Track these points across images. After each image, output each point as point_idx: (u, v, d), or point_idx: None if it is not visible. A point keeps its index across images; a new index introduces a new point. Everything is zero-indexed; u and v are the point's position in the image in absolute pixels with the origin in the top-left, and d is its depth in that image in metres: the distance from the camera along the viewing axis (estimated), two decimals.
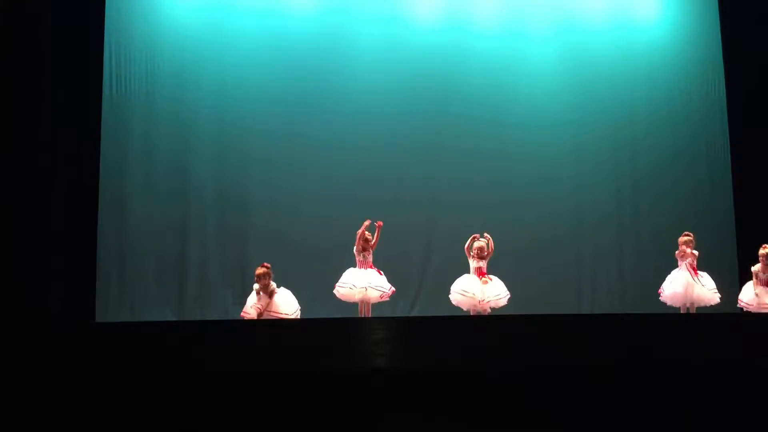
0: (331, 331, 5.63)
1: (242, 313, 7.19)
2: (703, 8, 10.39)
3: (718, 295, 7.69)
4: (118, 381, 4.96)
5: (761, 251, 7.73)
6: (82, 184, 8.56)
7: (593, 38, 10.15)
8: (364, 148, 9.38)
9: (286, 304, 7.05)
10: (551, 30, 10.09)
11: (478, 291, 7.46)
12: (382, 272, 7.53)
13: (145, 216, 8.82)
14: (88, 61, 8.67)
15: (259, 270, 7.03)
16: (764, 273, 7.69)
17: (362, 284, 7.35)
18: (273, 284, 7.06)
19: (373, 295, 7.38)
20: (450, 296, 7.62)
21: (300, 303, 7.24)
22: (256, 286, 7.04)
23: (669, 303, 7.82)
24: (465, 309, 7.64)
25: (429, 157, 9.57)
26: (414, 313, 9.16)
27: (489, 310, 7.52)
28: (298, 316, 7.10)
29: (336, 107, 9.38)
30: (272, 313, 6.95)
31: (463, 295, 7.51)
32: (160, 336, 5.37)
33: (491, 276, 7.60)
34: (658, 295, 7.87)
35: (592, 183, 9.93)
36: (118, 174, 8.78)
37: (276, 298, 7.01)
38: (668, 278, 7.81)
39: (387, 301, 7.72)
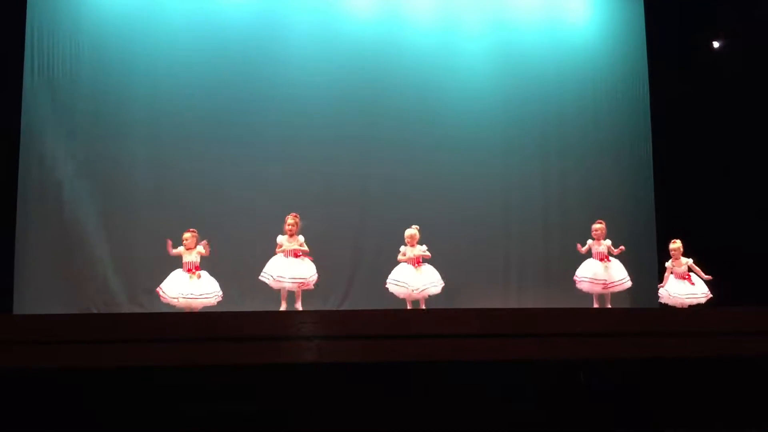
0: (256, 324, 5.57)
1: (158, 290, 7.12)
2: (629, 10, 10.66)
3: (629, 282, 7.95)
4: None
5: (671, 246, 8.01)
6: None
7: (524, 36, 10.27)
8: (294, 139, 9.28)
9: (208, 286, 7.12)
10: (484, 26, 10.17)
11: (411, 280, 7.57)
12: (305, 259, 7.42)
13: (75, 207, 8.59)
14: (9, 48, 8.41)
15: (186, 234, 7.22)
16: (678, 267, 7.96)
17: (271, 274, 7.27)
18: (200, 247, 7.19)
19: (290, 286, 7.28)
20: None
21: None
22: (181, 248, 7.17)
23: (586, 291, 8.05)
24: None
25: (359, 150, 9.52)
26: (344, 307, 9.13)
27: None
28: (219, 298, 7.17)
29: (266, 97, 9.24)
30: (192, 298, 6.97)
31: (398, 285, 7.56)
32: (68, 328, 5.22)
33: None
34: (574, 282, 8.12)
35: (521, 179, 10.05)
36: (36, 164, 8.53)
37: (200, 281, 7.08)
38: (582, 266, 8.06)
39: (318, 294, 7.66)
